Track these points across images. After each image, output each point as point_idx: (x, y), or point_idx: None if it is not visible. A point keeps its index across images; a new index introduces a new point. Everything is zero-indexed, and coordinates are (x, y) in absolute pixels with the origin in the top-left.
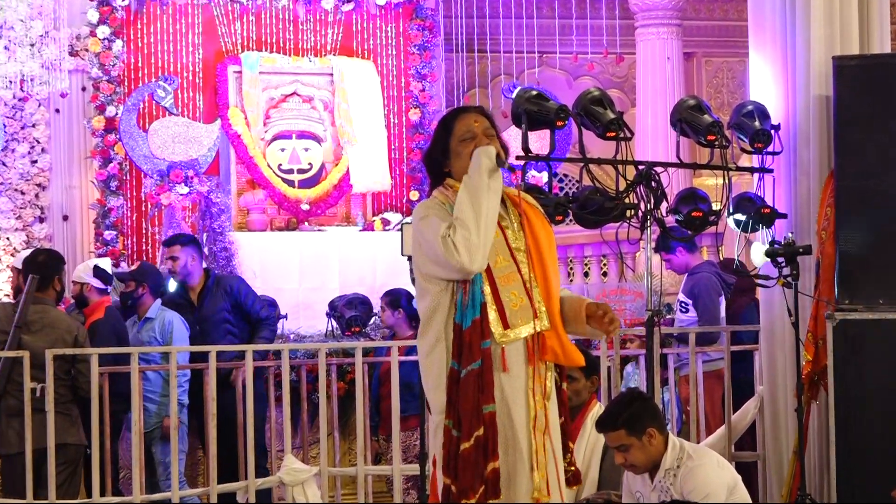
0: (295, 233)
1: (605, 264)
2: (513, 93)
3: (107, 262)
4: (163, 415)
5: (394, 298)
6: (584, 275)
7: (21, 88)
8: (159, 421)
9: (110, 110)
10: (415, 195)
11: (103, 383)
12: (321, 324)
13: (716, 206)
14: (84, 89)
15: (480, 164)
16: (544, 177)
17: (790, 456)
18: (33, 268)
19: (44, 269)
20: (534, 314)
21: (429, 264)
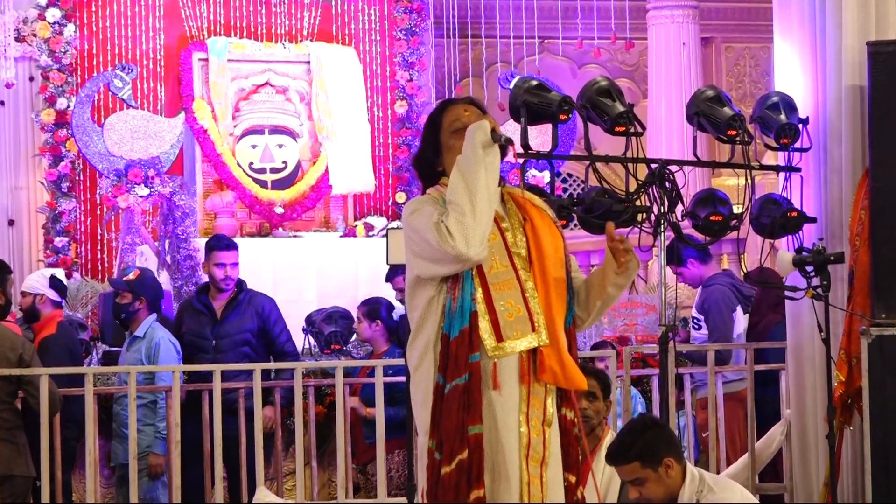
0: (268, 239)
1: None
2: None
3: (61, 273)
4: (143, 446)
5: (372, 309)
6: None
7: None
8: (139, 454)
9: (61, 102)
10: (401, 197)
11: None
12: (297, 340)
13: (737, 209)
14: (32, 79)
15: (474, 138)
16: (546, 176)
17: (821, 488)
18: None
19: None
20: (531, 327)
21: (421, 262)
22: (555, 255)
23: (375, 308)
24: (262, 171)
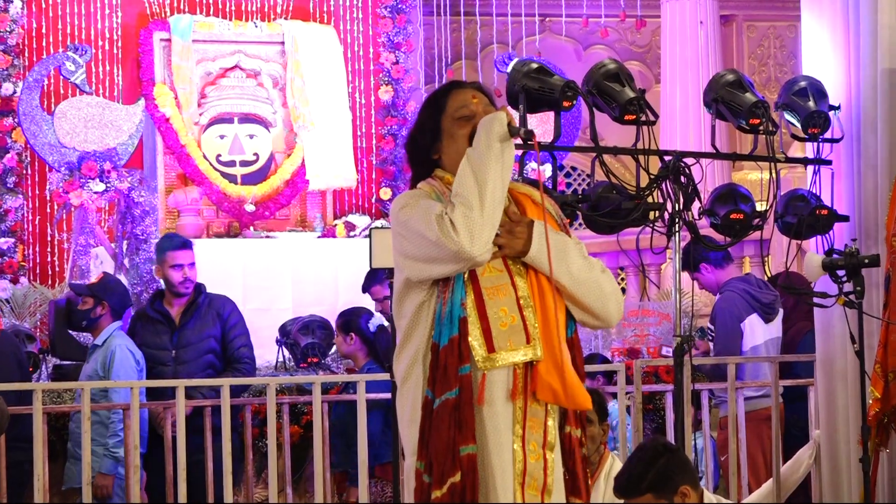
0: (237, 240)
1: (622, 279)
2: (508, 66)
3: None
4: (97, 470)
5: (346, 320)
6: None
7: None
8: (94, 476)
9: (6, 88)
10: (386, 193)
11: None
12: (270, 353)
13: (760, 207)
14: None
15: (491, 129)
16: (547, 170)
17: None
18: None
19: None
20: (526, 339)
21: (412, 263)
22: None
23: (349, 319)
24: (231, 164)
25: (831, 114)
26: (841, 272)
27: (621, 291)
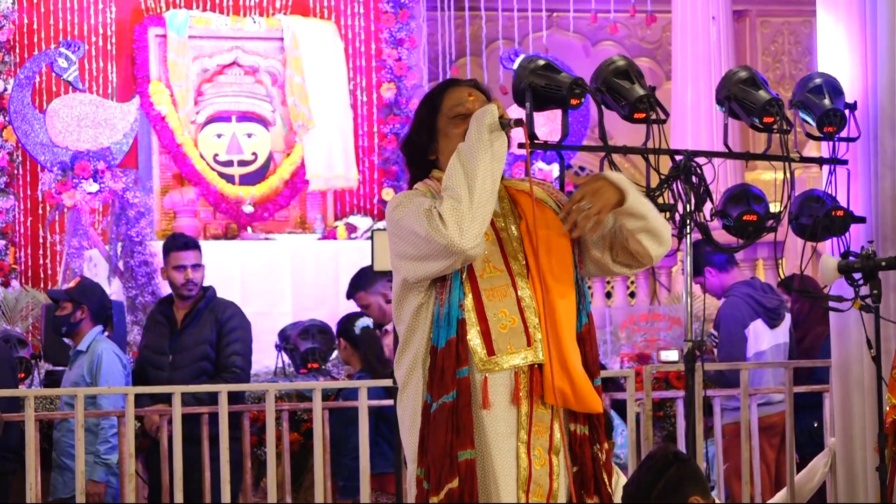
0: (235, 242)
1: (632, 282)
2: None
3: None
4: (88, 478)
5: (340, 326)
6: (605, 295)
7: None
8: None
9: None
10: (388, 194)
11: None
12: (269, 358)
13: (774, 208)
14: None
15: (481, 121)
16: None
17: None
18: None
19: None
20: (527, 341)
21: (407, 263)
22: (560, 261)
23: (342, 324)
24: (229, 163)
25: (847, 112)
26: (857, 275)
27: (630, 297)
